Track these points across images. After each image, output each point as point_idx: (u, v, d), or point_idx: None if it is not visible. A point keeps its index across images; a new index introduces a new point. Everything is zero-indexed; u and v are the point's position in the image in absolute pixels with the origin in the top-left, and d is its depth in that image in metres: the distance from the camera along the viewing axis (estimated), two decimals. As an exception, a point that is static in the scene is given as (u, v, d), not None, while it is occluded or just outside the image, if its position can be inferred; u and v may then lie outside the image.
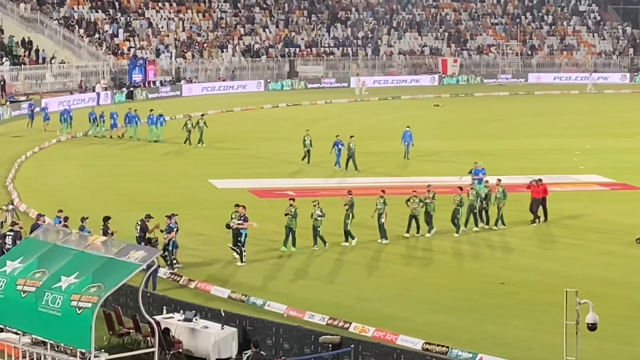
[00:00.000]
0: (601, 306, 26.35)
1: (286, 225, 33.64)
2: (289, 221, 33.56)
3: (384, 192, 35.93)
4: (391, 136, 56.07)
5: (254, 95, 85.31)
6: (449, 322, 27.25)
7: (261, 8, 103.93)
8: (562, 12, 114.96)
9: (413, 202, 36.09)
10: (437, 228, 36.63)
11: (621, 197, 44.79)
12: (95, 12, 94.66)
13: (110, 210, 36.04)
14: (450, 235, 36.67)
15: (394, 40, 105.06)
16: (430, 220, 36.48)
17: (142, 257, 23.14)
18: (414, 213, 36.11)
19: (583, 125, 69.01)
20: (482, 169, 41.26)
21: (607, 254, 34.92)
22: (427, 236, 36.20)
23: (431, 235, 36.28)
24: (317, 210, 33.91)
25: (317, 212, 33.89)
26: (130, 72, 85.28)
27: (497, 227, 37.68)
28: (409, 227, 36.22)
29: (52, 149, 56.01)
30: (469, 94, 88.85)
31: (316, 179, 47.63)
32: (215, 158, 53.42)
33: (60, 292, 22.78)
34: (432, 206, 36.39)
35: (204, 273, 31.55)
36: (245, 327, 24.84)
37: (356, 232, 35.26)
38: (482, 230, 37.37)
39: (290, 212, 33.49)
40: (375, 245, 35.17)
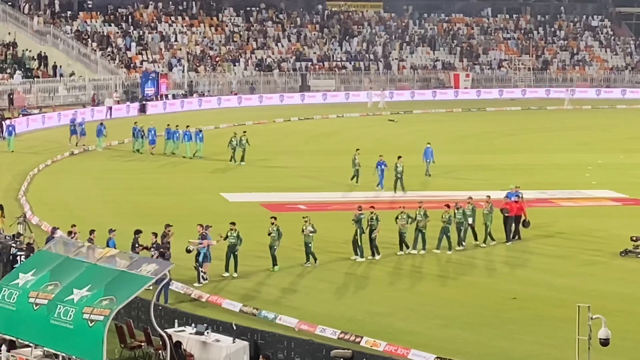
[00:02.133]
0: (614, 322, 26.31)
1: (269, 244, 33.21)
2: (272, 241, 33.13)
3: (373, 208, 35.60)
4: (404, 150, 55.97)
5: (266, 109, 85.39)
6: (461, 337, 27.19)
7: (273, 22, 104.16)
8: (575, 27, 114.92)
9: (401, 218, 35.59)
10: (444, 242, 36.49)
11: (634, 213, 44.64)
12: (108, 26, 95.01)
13: (123, 223, 36.11)
14: (461, 250, 36.59)
15: (406, 55, 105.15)
16: (422, 237, 35.82)
17: (154, 271, 23.13)
18: (402, 230, 35.58)
19: (595, 140, 68.91)
20: (515, 193, 39.31)
21: (620, 269, 34.83)
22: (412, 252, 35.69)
23: (417, 253, 35.72)
24: (308, 227, 33.63)
25: (309, 228, 33.63)
26: (142, 85, 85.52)
27: (486, 244, 37.25)
28: (400, 244, 35.78)
29: (65, 162, 56.12)
30: (481, 109, 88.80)
31: (328, 192, 47.60)
32: (227, 171, 53.48)
33: (72, 304, 22.78)
34: (422, 223, 35.76)
35: (216, 286, 31.56)
36: (256, 341, 24.82)
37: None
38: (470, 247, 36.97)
39: (273, 231, 33.05)
40: (386, 260, 35.11)
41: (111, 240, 31.07)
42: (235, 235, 32.61)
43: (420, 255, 35.76)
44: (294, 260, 34.42)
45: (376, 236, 34.98)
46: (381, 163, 47.52)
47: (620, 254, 36.07)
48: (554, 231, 39.89)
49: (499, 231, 37.96)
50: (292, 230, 34.71)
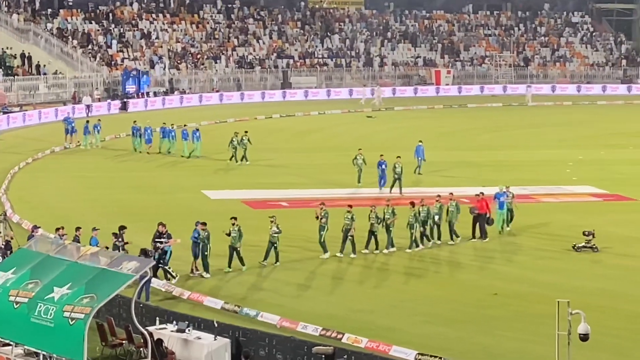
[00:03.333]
0: (596, 317, 26.39)
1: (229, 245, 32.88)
2: (233, 241, 32.85)
3: (351, 207, 35.38)
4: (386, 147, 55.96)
5: (248, 106, 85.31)
6: (443, 333, 27.21)
7: (255, 19, 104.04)
8: (555, 23, 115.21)
9: (372, 217, 35.40)
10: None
11: (614, 208, 44.83)
12: (89, 23, 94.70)
13: (104, 221, 35.96)
14: (444, 247, 36.66)
15: (387, 52, 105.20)
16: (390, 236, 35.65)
17: (135, 268, 23.08)
18: (373, 229, 35.43)
19: (576, 136, 69.10)
20: (504, 193, 39.17)
21: (602, 265, 34.95)
22: (384, 252, 35.51)
23: (389, 252, 35.54)
24: (273, 227, 33.38)
25: (274, 228, 33.36)
26: (123, 83, 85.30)
27: (453, 242, 37.08)
28: (367, 243, 35.59)
29: (46, 160, 55.94)
30: (462, 105, 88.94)
31: (310, 189, 47.55)
32: (209, 169, 53.38)
33: (52, 303, 22.71)
34: (390, 221, 35.52)
35: (197, 284, 31.50)
36: (238, 338, 24.78)
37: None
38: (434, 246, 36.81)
39: (234, 232, 32.79)
40: (369, 257, 35.14)
41: (93, 239, 30.95)
42: (236, 230, 32.66)
43: (390, 253, 35.58)
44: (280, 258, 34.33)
45: (353, 235, 34.79)
46: (382, 163, 46.57)
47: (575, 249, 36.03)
48: (535, 227, 39.96)
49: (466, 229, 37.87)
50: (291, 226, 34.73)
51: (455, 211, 37.20)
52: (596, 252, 35.96)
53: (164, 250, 31.11)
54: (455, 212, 37.19)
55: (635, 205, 45.52)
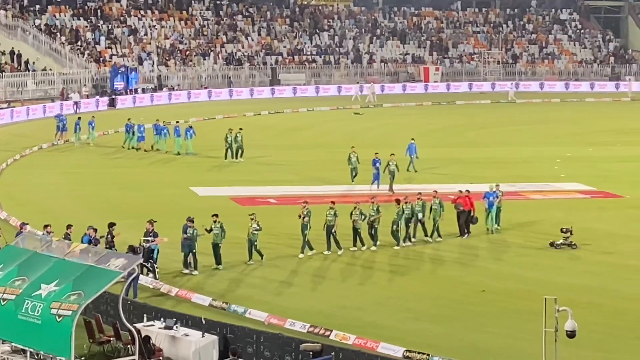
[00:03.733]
0: (582, 314, 26.49)
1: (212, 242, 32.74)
2: (215, 238, 32.71)
3: (333, 203, 35.27)
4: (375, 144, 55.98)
5: (236, 103, 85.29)
6: (430, 330, 27.26)
7: (243, 16, 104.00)
8: (544, 20, 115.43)
9: (354, 214, 35.31)
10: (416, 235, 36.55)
11: (602, 205, 44.93)
12: (77, 20, 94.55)
13: (92, 217, 35.96)
14: (430, 245, 36.69)
15: (376, 49, 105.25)
16: (374, 233, 35.61)
17: (123, 265, 23.08)
18: (356, 226, 35.31)
19: (564, 133, 69.22)
20: (494, 193, 38.90)
21: (589, 262, 35.00)
22: (372, 249, 35.50)
23: (376, 248, 35.55)
24: (253, 224, 33.27)
25: (254, 225, 33.24)
26: (112, 79, 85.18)
27: (433, 240, 36.97)
28: (354, 240, 35.50)
29: (33, 156, 55.83)
30: (450, 102, 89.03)
31: (298, 186, 47.56)
32: (197, 166, 53.34)
33: (40, 300, 22.69)
34: (374, 218, 35.49)
35: (185, 281, 31.50)
36: (226, 335, 24.80)
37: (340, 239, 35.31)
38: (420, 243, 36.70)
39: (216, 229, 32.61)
40: (357, 254, 35.16)
41: (86, 236, 30.90)
42: (219, 227, 32.59)
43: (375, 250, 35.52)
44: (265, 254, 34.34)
45: (336, 231, 34.73)
46: (377, 161, 45.88)
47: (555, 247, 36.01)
48: (523, 224, 40.03)
49: (451, 226, 37.87)
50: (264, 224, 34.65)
51: (439, 209, 37.03)
52: (575, 249, 35.92)
53: (151, 248, 31.02)
54: (439, 209, 37.01)
55: (623, 202, 45.66)
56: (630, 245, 37.41)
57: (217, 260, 32.83)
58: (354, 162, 47.46)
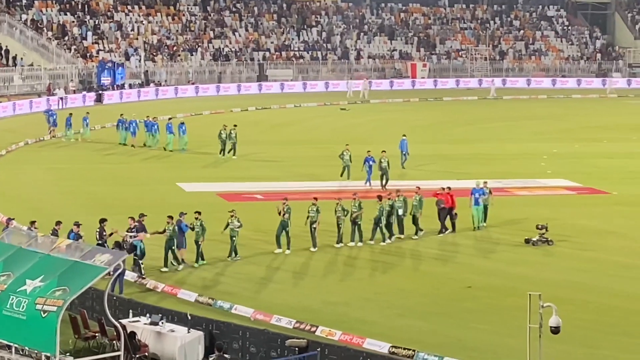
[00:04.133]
0: (568, 310, 26.62)
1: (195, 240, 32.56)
2: (197, 236, 32.49)
3: (316, 200, 35.25)
4: (361, 140, 56.04)
5: (224, 99, 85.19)
6: (416, 326, 27.29)
7: (231, 11, 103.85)
8: (531, 17, 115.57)
9: (337, 210, 35.20)
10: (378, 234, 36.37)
11: (588, 202, 45.04)
12: (64, 15, 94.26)
13: (79, 213, 35.87)
14: (418, 240, 36.69)
15: (364, 45, 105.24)
16: (358, 229, 35.48)
17: (108, 261, 23.04)
18: (338, 222, 35.19)
19: (551, 130, 69.34)
20: (480, 190, 38.72)
21: (575, 258, 35.09)
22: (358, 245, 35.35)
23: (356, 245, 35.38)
24: (234, 221, 33.15)
25: (235, 222, 33.13)
26: (99, 75, 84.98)
27: (417, 236, 36.83)
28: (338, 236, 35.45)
29: (19, 152, 55.66)
30: (438, 98, 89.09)
31: (285, 182, 47.54)
32: (184, 162, 53.26)
33: (25, 295, 22.65)
34: (357, 214, 35.37)
35: (172, 276, 31.46)
36: (211, 331, 24.78)
37: (324, 236, 35.26)
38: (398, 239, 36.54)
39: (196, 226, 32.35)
40: (343, 250, 35.15)
41: (72, 234, 30.79)
42: (199, 225, 32.46)
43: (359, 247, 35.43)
44: (251, 250, 34.34)
45: (315, 228, 34.63)
46: (369, 159, 45.43)
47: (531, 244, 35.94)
48: (509, 220, 40.07)
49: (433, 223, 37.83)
50: (247, 219, 34.68)
51: (419, 205, 36.80)
52: (551, 245, 35.82)
53: (133, 245, 30.85)
54: (418, 205, 36.78)
55: (609, 198, 45.76)
56: (616, 241, 37.52)
57: (200, 257, 32.66)
58: (347, 160, 47.03)
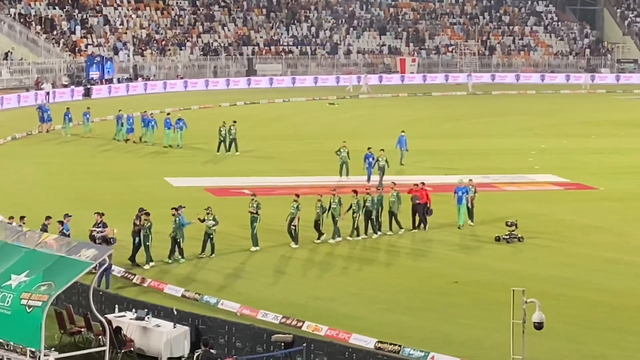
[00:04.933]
0: (554, 305, 26.72)
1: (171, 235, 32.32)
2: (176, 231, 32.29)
3: (298, 197, 34.99)
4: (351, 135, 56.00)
5: (212, 94, 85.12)
6: (403, 322, 27.30)
7: (220, 6, 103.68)
8: (520, 12, 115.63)
9: (317, 207, 35.03)
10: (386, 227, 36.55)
11: (576, 197, 45.08)
12: (53, 9, 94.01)
13: (66, 208, 35.70)
14: (405, 235, 36.69)
15: (353, 40, 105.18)
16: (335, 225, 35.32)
17: (93, 256, 23.01)
18: (317, 218, 35.05)
19: (539, 125, 69.40)
20: (464, 188, 38.30)
21: (561, 253, 35.12)
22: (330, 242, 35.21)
23: (335, 242, 35.26)
24: (210, 219, 32.85)
25: (210, 221, 32.88)
26: (87, 69, 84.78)
27: (393, 232, 36.72)
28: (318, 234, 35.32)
29: (6, 147, 55.50)
30: (427, 94, 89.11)
31: (273, 177, 47.49)
32: (171, 156, 53.19)
33: (10, 290, 22.61)
34: (337, 211, 35.25)
35: (158, 271, 31.43)
36: (197, 326, 24.77)
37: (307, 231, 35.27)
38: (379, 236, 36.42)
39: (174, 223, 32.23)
40: (329, 246, 35.14)
41: (65, 225, 30.82)
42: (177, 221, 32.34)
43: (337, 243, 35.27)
44: (236, 245, 34.30)
45: (296, 225, 34.46)
46: (369, 156, 44.90)
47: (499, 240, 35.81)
48: (497, 216, 40.00)
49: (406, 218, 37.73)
50: (235, 214, 34.66)
51: (396, 201, 36.63)
52: (521, 242, 35.57)
53: (104, 238, 30.67)
54: (396, 202, 36.61)
55: (596, 193, 45.83)
56: (603, 236, 37.57)
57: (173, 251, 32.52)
58: (344, 156, 46.50)
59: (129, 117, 57.36)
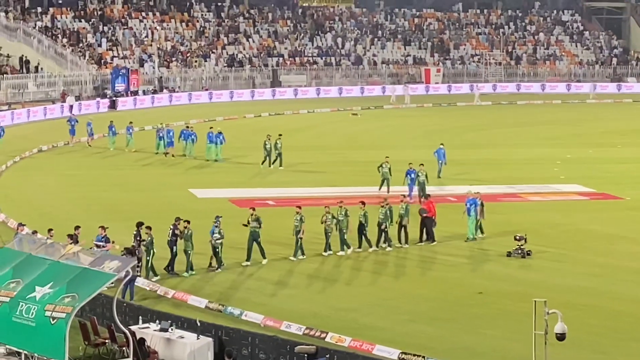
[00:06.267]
0: (578, 316, 26.65)
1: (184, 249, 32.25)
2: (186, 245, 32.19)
3: (300, 208, 34.88)
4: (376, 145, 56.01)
5: (237, 105, 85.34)
6: (426, 332, 27.26)
7: (245, 17, 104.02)
8: (545, 22, 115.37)
9: (326, 218, 34.86)
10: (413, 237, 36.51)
11: (601, 207, 44.90)
12: (79, 22, 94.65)
13: (92, 219, 35.99)
14: (427, 246, 36.62)
15: (377, 50, 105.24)
16: (343, 238, 35.23)
17: (117, 267, 23.11)
18: (327, 230, 34.89)
19: (564, 135, 69.19)
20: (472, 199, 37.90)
21: (586, 263, 35.00)
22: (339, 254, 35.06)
23: (347, 254, 35.10)
24: (217, 232, 32.74)
25: (217, 234, 32.78)
26: (113, 81, 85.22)
27: (402, 245, 36.42)
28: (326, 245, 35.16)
29: (33, 158, 55.84)
30: (451, 104, 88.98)
31: (297, 188, 47.54)
32: (196, 167, 53.35)
33: (34, 302, 22.74)
34: (344, 223, 35.08)
35: (182, 283, 31.53)
36: (221, 337, 24.81)
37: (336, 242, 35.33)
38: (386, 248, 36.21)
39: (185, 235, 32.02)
40: (354, 255, 35.17)
41: (98, 236, 31.11)
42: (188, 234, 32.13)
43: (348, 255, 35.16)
44: (259, 257, 34.34)
45: (301, 237, 34.36)
46: (411, 172, 43.99)
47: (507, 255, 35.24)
48: (522, 226, 39.80)
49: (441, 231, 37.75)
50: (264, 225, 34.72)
51: (405, 214, 36.41)
52: (528, 257, 34.88)
53: (129, 250, 30.60)
54: (405, 214, 36.39)
55: (622, 203, 45.62)
56: (628, 246, 37.40)
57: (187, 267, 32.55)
58: (386, 172, 45.67)
59: (168, 130, 57.03)
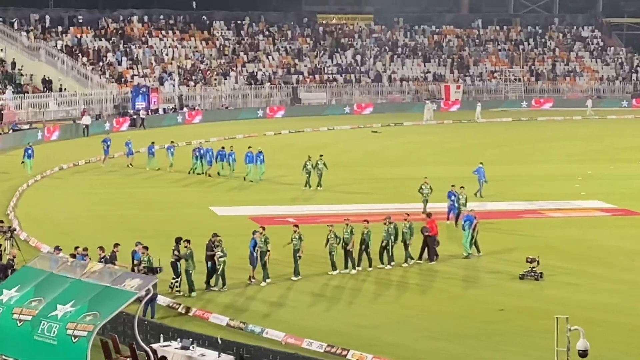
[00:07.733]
0: (600, 332, 26.52)
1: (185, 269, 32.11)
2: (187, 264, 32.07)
3: (297, 227, 34.81)
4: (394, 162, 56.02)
5: (257, 122, 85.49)
6: (448, 349, 27.19)
7: (264, 35, 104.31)
8: (565, 38, 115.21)
9: (330, 238, 34.81)
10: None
11: (622, 223, 44.73)
12: (99, 41, 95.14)
13: (113, 238, 35.93)
14: (448, 262, 36.58)
15: (397, 67, 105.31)
16: (350, 257, 35.10)
17: (138, 285, 23.17)
18: (330, 249, 34.81)
19: (585, 151, 69.06)
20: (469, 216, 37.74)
21: (608, 280, 34.88)
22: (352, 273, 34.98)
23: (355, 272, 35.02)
24: (219, 251, 32.70)
25: (219, 252, 32.75)
26: (133, 99, 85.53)
27: (407, 264, 36.28)
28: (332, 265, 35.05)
29: (54, 177, 56.06)
30: (471, 120, 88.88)
31: (317, 205, 47.58)
32: (216, 185, 53.45)
33: (56, 320, 22.81)
34: (349, 241, 34.99)
35: (203, 300, 31.56)
36: (242, 355, 24.81)
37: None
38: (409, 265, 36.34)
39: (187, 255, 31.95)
40: (374, 273, 35.14)
41: (136, 254, 31.62)
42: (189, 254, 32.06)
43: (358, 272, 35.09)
44: (282, 273, 34.36)
45: (300, 256, 34.30)
46: (452, 194, 43.22)
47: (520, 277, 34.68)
48: (543, 242, 39.85)
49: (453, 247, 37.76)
50: (279, 242, 34.73)
51: (409, 232, 36.30)
52: (540, 280, 34.21)
53: (150, 268, 30.66)
54: (408, 233, 36.26)
55: (643, 219, 45.47)
56: (649, 263, 37.26)
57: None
58: (426, 193, 45.09)
59: (206, 150, 56.63)
